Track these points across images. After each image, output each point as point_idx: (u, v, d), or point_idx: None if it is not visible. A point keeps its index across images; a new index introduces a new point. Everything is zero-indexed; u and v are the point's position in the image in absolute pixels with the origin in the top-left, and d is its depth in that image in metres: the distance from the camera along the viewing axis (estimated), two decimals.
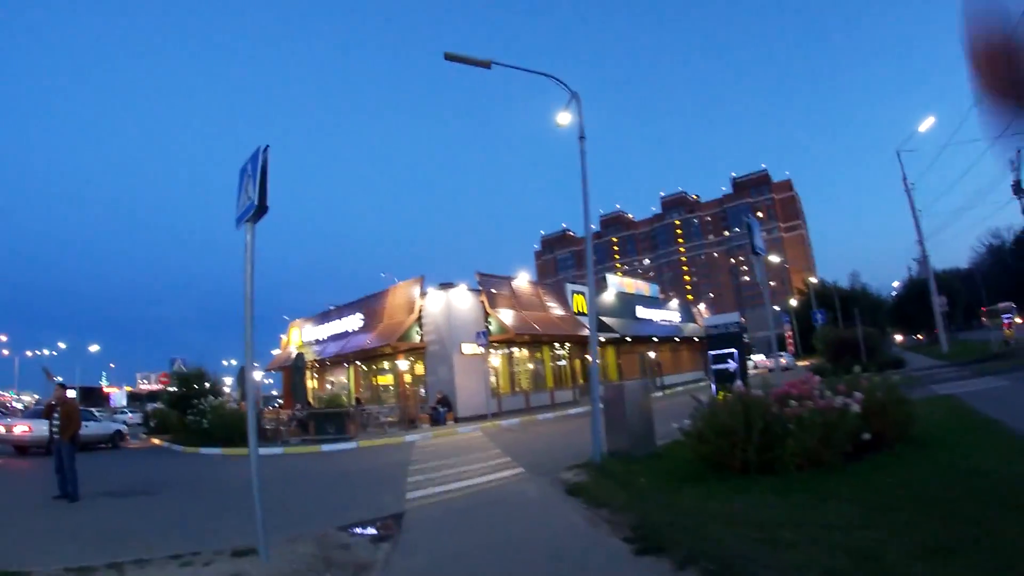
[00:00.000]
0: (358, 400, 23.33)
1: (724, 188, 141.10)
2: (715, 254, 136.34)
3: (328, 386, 30.84)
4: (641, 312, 33.94)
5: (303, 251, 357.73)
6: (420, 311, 22.75)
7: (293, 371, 20.48)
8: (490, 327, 22.36)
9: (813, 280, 69.64)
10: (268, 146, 4.93)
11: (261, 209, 4.86)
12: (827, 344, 24.42)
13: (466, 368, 21.93)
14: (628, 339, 30.96)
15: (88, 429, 16.64)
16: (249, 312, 4.88)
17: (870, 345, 33.52)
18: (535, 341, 25.53)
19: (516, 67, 9.75)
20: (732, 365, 10.76)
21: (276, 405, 31.01)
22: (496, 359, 23.45)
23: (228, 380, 27.61)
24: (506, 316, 22.95)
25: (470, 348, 22.01)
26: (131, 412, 39.09)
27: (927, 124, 22.84)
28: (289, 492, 8.71)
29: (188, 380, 20.08)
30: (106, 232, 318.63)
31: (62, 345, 57.85)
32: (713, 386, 10.78)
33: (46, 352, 58.16)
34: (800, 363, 43.55)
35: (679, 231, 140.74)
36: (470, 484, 8.24)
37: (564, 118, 10.39)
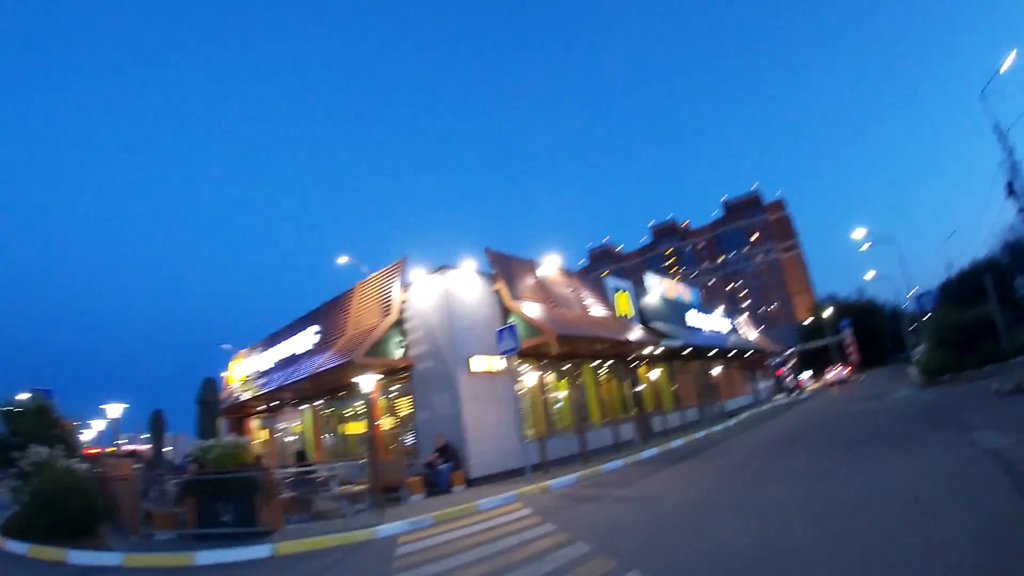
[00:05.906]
0: (300, 454, 14.81)
1: (715, 213, 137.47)
2: (710, 282, 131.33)
3: (287, 439, 22.24)
4: (692, 319, 26.24)
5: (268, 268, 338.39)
6: (401, 310, 14.75)
7: (199, 408, 12.16)
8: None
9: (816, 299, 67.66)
10: None
11: None
12: (946, 332, 20.27)
13: (480, 395, 13.78)
14: (685, 352, 23.16)
15: None
16: None
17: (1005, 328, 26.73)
18: (570, 354, 17.47)
19: None
20: None
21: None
22: (527, 378, 15.31)
23: (99, 424, 18.56)
24: (533, 312, 15.04)
25: (483, 363, 13.96)
26: None
27: (1010, 61, 16.14)
28: None
29: (22, 420, 11.50)
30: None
31: None
32: None
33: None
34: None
35: (672, 260, 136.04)
36: None
37: None
